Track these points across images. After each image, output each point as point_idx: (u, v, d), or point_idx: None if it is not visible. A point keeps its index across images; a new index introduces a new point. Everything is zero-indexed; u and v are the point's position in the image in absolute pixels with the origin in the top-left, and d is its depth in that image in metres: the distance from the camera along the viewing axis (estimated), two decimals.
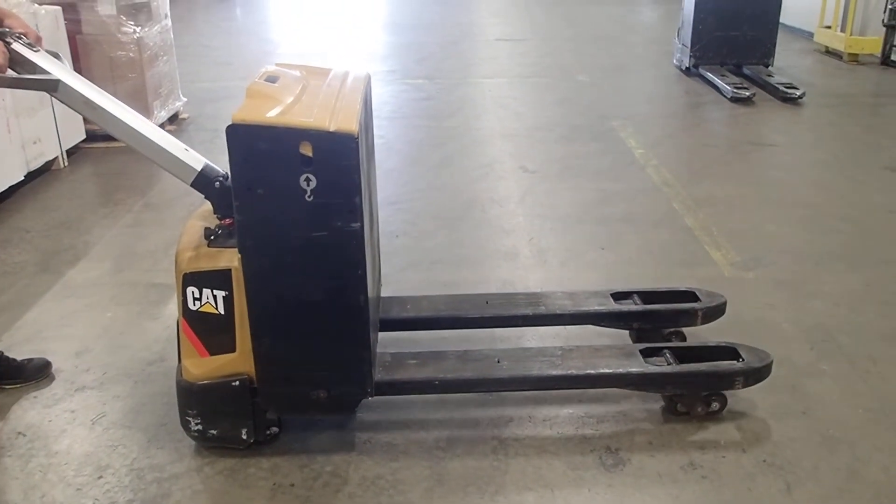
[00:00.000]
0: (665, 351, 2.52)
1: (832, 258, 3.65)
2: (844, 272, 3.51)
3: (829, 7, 8.34)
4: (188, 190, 2.23)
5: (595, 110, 6.28)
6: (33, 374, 2.69)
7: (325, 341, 2.20)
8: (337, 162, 1.97)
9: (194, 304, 2.14)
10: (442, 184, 4.68)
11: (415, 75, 7.63)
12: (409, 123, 6.01)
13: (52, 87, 2.12)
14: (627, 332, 2.83)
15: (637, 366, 2.45)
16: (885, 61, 7.74)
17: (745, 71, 7.09)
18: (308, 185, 1.98)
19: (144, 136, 2.18)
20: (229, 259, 2.11)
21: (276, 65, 2.34)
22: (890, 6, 7.62)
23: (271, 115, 1.99)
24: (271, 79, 2.18)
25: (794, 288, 3.35)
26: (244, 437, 2.29)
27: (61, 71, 2.17)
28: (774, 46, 7.11)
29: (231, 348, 2.18)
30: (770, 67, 7.09)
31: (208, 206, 2.29)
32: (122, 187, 4.59)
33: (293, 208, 2.01)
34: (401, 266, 3.56)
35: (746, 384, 2.47)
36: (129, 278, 3.46)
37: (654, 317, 2.78)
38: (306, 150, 1.95)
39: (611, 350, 2.56)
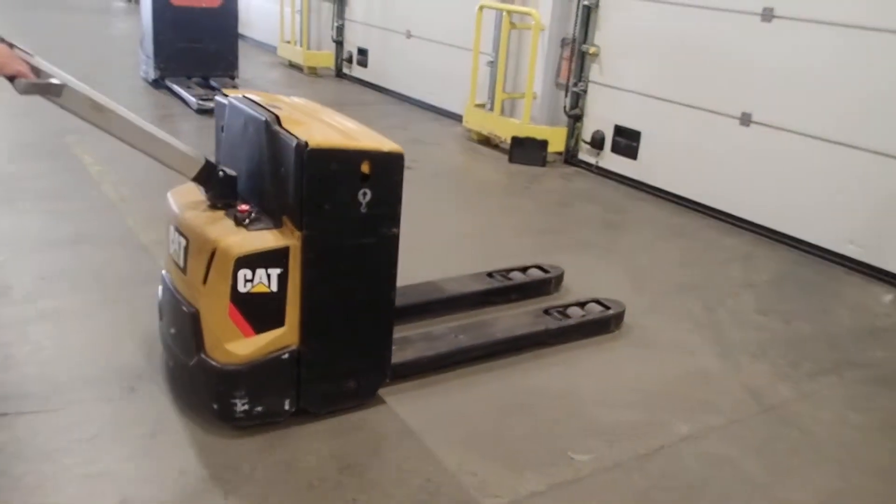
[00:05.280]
0: (556, 311, 3.25)
1: None
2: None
3: (288, 24, 8.96)
4: None
5: (51, 125, 5.66)
6: None
7: (361, 335, 2.48)
8: (389, 177, 2.34)
9: (245, 286, 2.22)
10: None
11: None
12: None
13: (58, 91, 2.08)
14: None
15: (552, 323, 3.13)
16: (339, 74, 8.65)
17: (213, 83, 7.17)
18: (364, 198, 2.29)
19: (152, 136, 2.27)
20: (286, 237, 2.26)
21: (242, 93, 2.58)
22: (336, 24, 8.53)
23: (337, 139, 2.29)
24: (274, 107, 2.41)
25: None
26: (287, 407, 2.40)
27: (61, 75, 2.11)
28: (237, 59, 7.32)
29: (280, 323, 2.31)
30: (236, 79, 7.30)
31: (190, 199, 2.42)
32: None
33: (351, 219, 2.31)
34: None
35: (616, 325, 3.31)
36: None
37: (526, 288, 3.52)
38: (365, 168, 2.26)
39: (527, 316, 3.22)
